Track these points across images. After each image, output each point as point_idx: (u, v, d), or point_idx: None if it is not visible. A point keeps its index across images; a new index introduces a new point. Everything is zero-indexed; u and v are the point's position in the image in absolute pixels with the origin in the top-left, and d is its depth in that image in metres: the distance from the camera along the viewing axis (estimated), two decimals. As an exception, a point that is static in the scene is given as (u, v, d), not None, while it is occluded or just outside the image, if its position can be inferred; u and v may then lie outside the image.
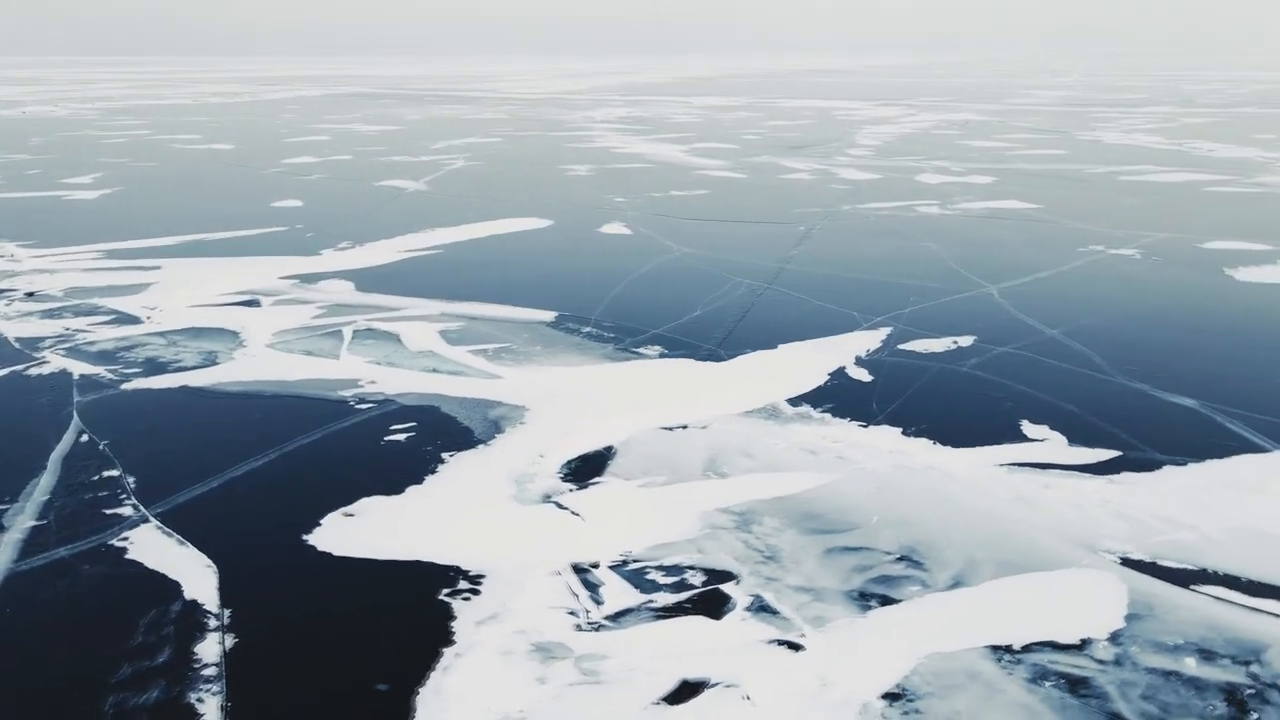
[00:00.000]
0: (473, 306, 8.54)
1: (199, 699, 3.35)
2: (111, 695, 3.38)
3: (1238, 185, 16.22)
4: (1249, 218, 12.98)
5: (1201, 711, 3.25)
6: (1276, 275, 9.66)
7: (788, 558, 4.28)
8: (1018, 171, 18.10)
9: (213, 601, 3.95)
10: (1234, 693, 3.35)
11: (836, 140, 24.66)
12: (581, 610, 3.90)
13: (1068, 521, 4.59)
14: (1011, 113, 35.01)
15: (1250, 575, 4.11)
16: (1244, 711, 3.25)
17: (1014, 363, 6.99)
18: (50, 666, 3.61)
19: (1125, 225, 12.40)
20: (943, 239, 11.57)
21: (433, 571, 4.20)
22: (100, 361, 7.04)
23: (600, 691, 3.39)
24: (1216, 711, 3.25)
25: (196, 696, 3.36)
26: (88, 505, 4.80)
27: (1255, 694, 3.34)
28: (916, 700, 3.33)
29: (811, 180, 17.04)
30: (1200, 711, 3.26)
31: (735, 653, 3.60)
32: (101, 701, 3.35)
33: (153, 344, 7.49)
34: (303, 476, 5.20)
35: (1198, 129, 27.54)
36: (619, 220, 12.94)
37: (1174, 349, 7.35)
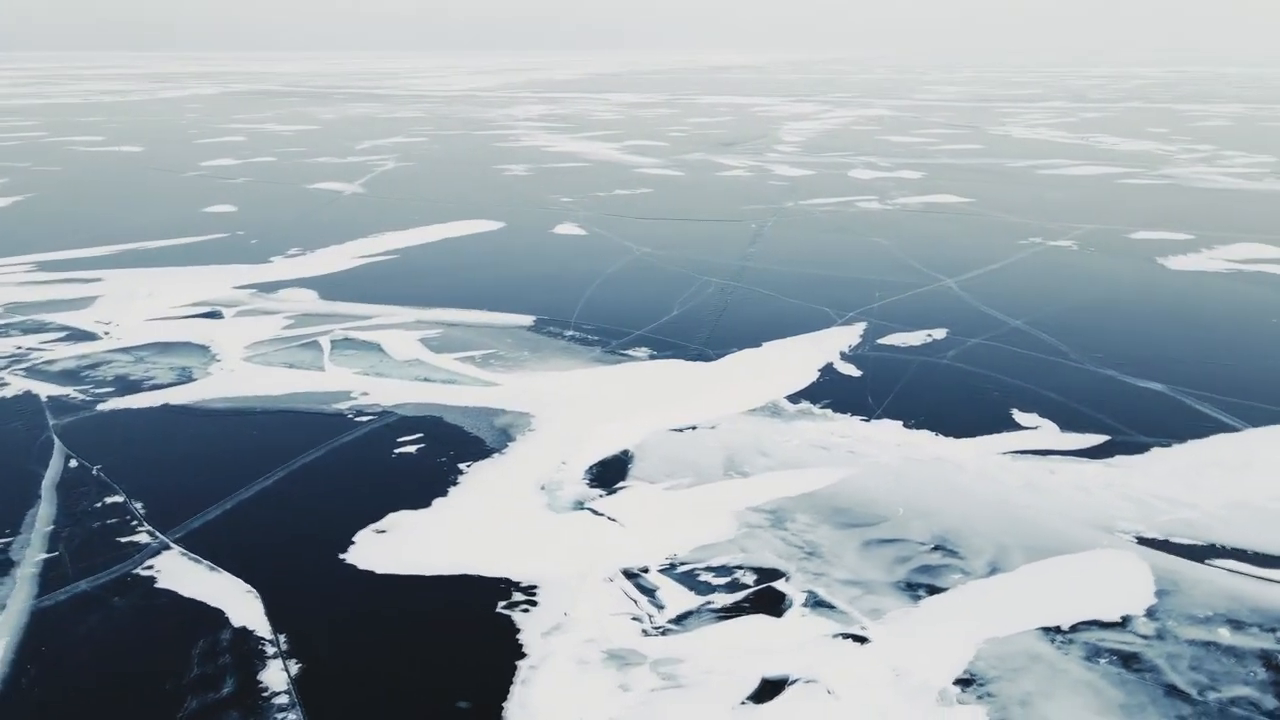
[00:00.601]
0: (446, 313, 8.42)
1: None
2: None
3: (1145, 178, 17.17)
4: (1165, 209, 13.78)
5: (1245, 678, 3.50)
6: (1204, 263, 10.30)
7: (828, 553, 4.40)
8: (943, 166, 18.75)
9: (265, 628, 3.84)
10: (1270, 658, 3.61)
11: (762, 137, 25.07)
12: (644, 615, 3.93)
13: (1078, 505, 4.84)
14: (921, 108, 36.17)
15: (1255, 548, 4.42)
16: (1284, 675, 3.51)
17: (989, 353, 7.29)
18: (110, 704, 3.45)
19: (1055, 218, 13.01)
20: (889, 234, 11.93)
21: (484, 584, 4.16)
22: (66, 382, 6.69)
23: (685, 695, 3.44)
24: (1258, 677, 3.51)
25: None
26: (98, 534, 4.58)
27: (1289, 658, 3.61)
28: (987, 684, 3.48)
29: (749, 177, 17.31)
30: (1244, 678, 3.50)
31: (804, 648, 3.70)
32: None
33: (118, 361, 7.15)
34: (319, 494, 5.07)
35: (1095, 123, 28.98)
36: (571, 221, 12.91)
37: (1131, 336, 7.78)
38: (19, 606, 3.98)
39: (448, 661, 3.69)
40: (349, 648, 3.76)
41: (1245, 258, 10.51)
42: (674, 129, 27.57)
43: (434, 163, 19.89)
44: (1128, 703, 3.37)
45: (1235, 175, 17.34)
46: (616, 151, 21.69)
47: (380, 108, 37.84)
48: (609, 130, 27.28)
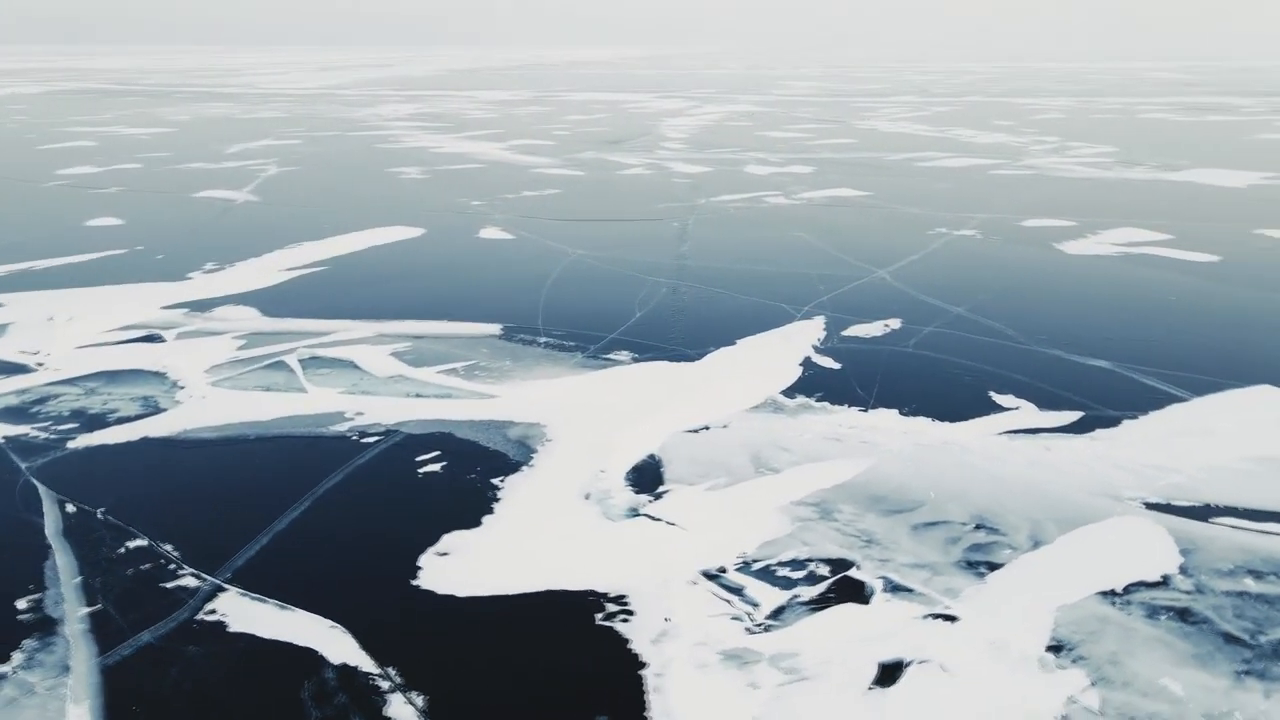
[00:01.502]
0: (407, 325, 8.21)
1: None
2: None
3: (1011, 169, 18.50)
4: (1041, 198, 14.93)
5: (1280, 620, 3.97)
6: (1095, 248, 11.26)
7: (884, 539, 4.65)
8: (829, 161, 19.58)
9: (369, 664, 3.72)
10: (1295, 601, 4.11)
11: (646, 134, 25.38)
12: (742, 614, 4.06)
13: (1083, 478, 5.29)
14: (784, 104, 37.48)
15: (1244, 505, 4.97)
16: (1311, 615, 4.00)
17: (946, 340, 7.77)
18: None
19: (949, 208, 13.88)
20: (808, 228, 12.42)
21: (573, 599, 4.18)
22: (17, 420, 6.15)
23: (814, 687, 3.59)
24: (1291, 618, 3.99)
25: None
26: (136, 582, 4.29)
27: (1310, 599, 4.12)
28: (1075, 648, 3.80)
29: (651, 176, 17.54)
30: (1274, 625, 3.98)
31: (903, 632, 3.92)
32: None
33: (66, 394, 6.62)
34: (361, 520, 4.91)
35: (948, 117, 30.89)
36: (492, 225, 12.76)
37: (1063, 318, 8.45)
38: (86, 667, 3.70)
39: (572, 679, 3.70)
40: (465, 676, 3.70)
41: (1127, 241, 11.56)
42: (554, 127, 27.50)
43: (320, 167, 19.11)
44: (1198, 653, 3.77)
45: (1087, 165, 18.93)
46: (506, 152, 21.48)
47: (235, 108, 35.88)
48: (489, 129, 26.93)
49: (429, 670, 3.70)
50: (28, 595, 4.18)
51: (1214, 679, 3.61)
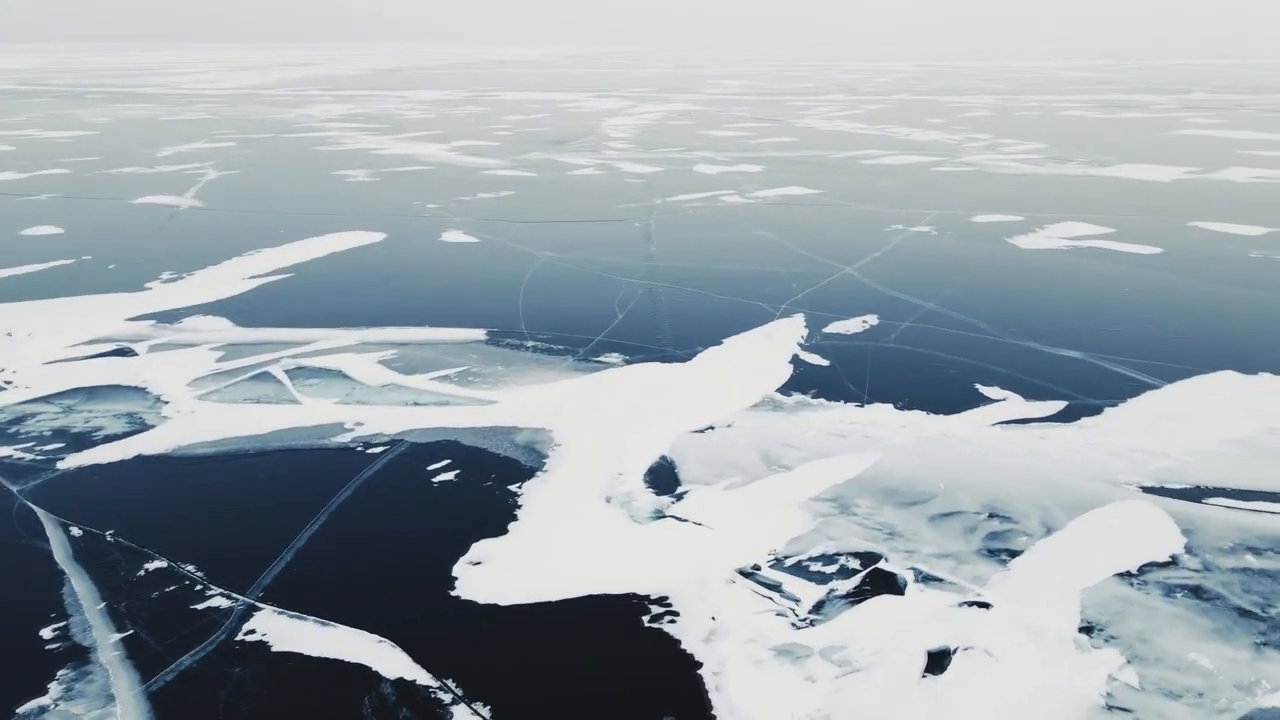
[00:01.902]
0: (388, 332, 8.10)
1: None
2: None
3: (951, 165, 19.05)
4: (985, 193, 15.43)
5: (1284, 593, 4.23)
6: (1045, 241, 11.69)
7: (905, 532, 4.80)
8: (775, 159, 19.87)
9: (425, 677, 3.69)
10: (1295, 574, 4.37)
11: (589, 134, 25.37)
12: (784, 610, 4.14)
13: (1079, 464, 5.53)
14: (719, 102, 37.86)
15: (1230, 485, 5.26)
16: (1311, 586, 4.27)
17: (924, 335, 8.00)
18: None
19: (900, 205, 14.24)
20: (769, 226, 12.61)
21: (615, 603, 4.21)
22: (-3, 440, 5.90)
23: (869, 677, 3.70)
24: (1294, 591, 4.25)
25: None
26: (163, 605, 4.17)
27: (1308, 572, 4.39)
28: (1105, 629, 3.99)
29: (602, 176, 17.56)
30: (1283, 593, 4.23)
31: (943, 620, 4.06)
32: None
33: (44, 413, 6.36)
34: (383, 531, 4.85)
35: (881, 115, 31.61)
36: (453, 228, 12.63)
37: (1028, 310, 8.77)
38: (132, 694, 3.60)
39: (632, 681, 3.73)
40: (526, 684, 3.70)
41: (1073, 235, 12.03)
42: (495, 128, 27.28)
43: (261, 170, 18.62)
44: (1217, 628, 3.99)
45: (1020, 161, 19.60)
46: (451, 153, 21.24)
47: (156, 109, 34.66)
48: (428, 130, 26.58)
49: (488, 680, 3.69)
50: (52, 624, 4.03)
51: (1236, 651, 3.83)
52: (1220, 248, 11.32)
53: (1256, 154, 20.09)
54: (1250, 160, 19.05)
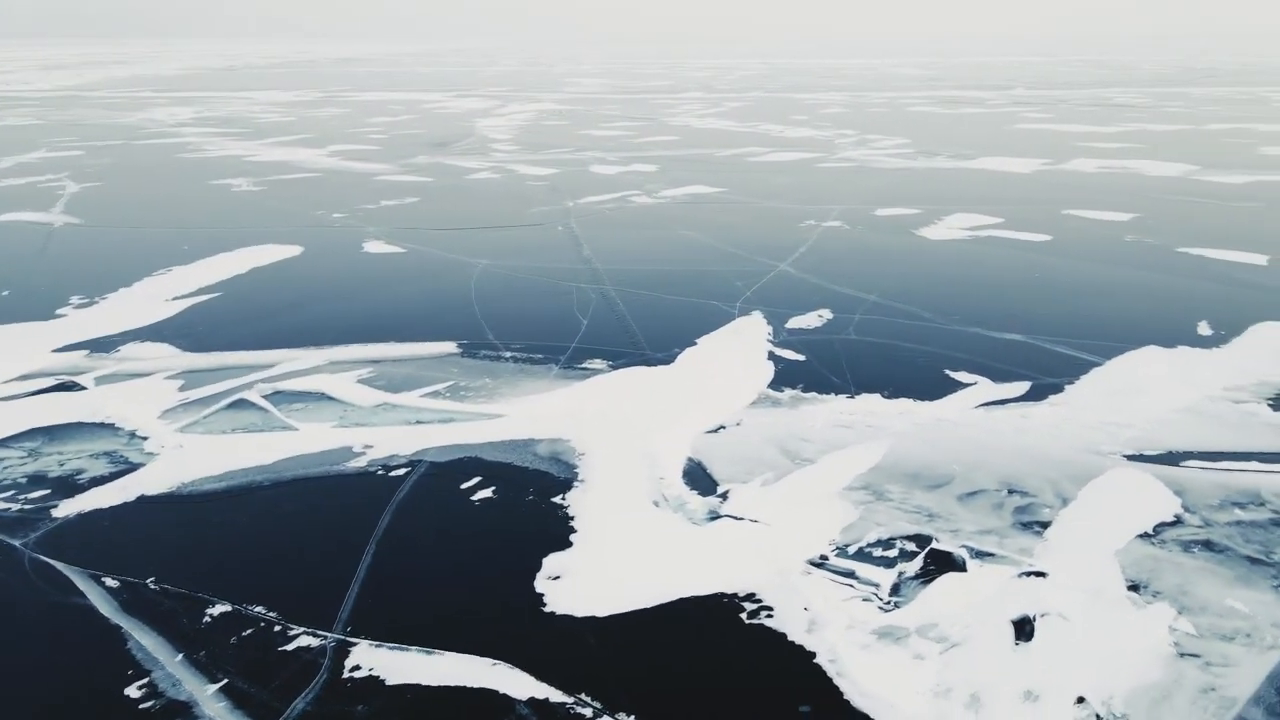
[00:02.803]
0: (350, 350, 7.84)
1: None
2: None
3: (833, 161, 19.98)
4: (878, 188, 16.29)
5: (1277, 539, 4.83)
6: (948, 232, 12.50)
7: (941, 512, 5.14)
8: (667, 159, 20.23)
9: (558, 695, 3.70)
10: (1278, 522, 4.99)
11: (468, 136, 24.99)
12: (868, 595, 4.39)
13: (1066, 439, 6.05)
14: (585, 101, 38.02)
15: (1197, 448, 5.91)
16: (1296, 532, 4.88)
17: (878, 326, 8.46)
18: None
19: (803, 201, 14.86)
20: (690, 226, 12.90)
21: (707, 604, 4.33)
22: (-33, 492, 5.37)
23: (970, 650, 3.99)
24: (1283, 537, 4.85)
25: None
26: (250, 650, 3.97)
27: (1289, 520, 5.01)
28: (1149, 585, 4.44)
29: (502, 179, 17.39)
30: (1276, 540, 4.83)
31: (1011, 590, 4.40)
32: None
33: (6, 458, 5.83)
34: (445, 554, 4.77)
35: (747, 112, 32.65)
36: (373, 238, 12.25)
37: (962, 297, 9.41)
38: (261, 746, 3.44)
39: (757, 678, 3.86)
40: (659, 692, 3.77)
41: (970, 225, 12.93)
42: (365, 130, 26.42)
43: (129, 181, 17.36)
44: (1237, 575, 4.52)
45: (893, 156, 20.78)
46: (332, 159, 20.45)
47: (-28, 116, 31.51)
48: (295, 134, 25.45)
49: (620, 691, 3.75)
50: (134, 682, 3.77)
51: (1261, 594, 4.36)
52: (1098, 233, 12.44)
53: (1092, 145, 22.07)
54: (1090, 152, 20.91)
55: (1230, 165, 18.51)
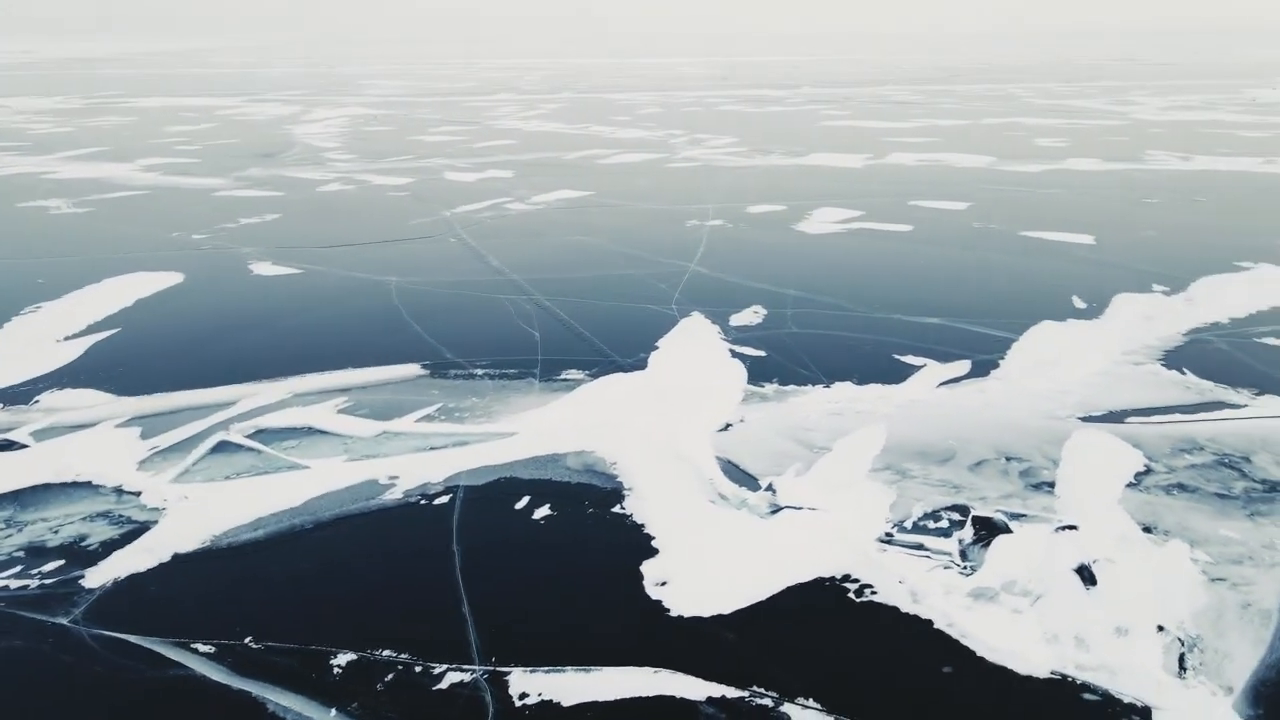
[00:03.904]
0: (306, 380, 7.47)
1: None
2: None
3: (679, 161, 20.68)
4: (737, 185, 17.08)
5: (1236, 477, 5.76)
6: (821, 226, 13.41)
7: (962, 483, 5.73)
8: (517, 163, 20.15)
9: (736, 692, 3.89)
10: (1237, 462, 5.94)
11: (289, 145, 23.69)
12: (947, 563, 4.86)
13: (1025, 408, 6.85)
14: (395, 105, 36.90)
15: (1126, 406, 6.86)
16: (1249, 469, 5.84)
17: (812, 318, 9.06)
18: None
19: (676, 201, 15.38)
20: (580, 231, 13.06)
21: (814, 589, 4.64)
22: (-39, 574, 4.75)
23: (1056, 599, 4.53)
24: (1245, 473, 5.80)
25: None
26: (403, 693, 3.87)
27: (1243, 457, 5.96)
28: (1158, 526, 5.19)
29: (360, 191, 16.74)
30: (1237, 476, 5.76)
31: (1056, 544, 5.00)
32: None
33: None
34: (537, 574, 4.77)
35: (568, 113, 32.94)
36: (255, 260, 11.52)
37: (871, 286, 10.19)
38: (481, 785, 3.40)
39: (893, 650, 4.22)
40: (822, 676, 4.04)
41: (838, 219, 13.93)
42: (169, 141, 24.40)
43: (-86, 208, 15.19)
44: (1216, 510, 5.37)
45: (730, 154, 21.79)
46: (151, 174, 18.81)
47: None
48: (88, 147, 23.10)
49: (787, 678, 3.99)
50: (304, 746, 3.60)
51: (1241, 523, 5.23)
52: (948, 222, 13.78)
53: (900, 140, 24.13)
54: (902, 146, 22.88)
55: (1021, 156, 20.89)
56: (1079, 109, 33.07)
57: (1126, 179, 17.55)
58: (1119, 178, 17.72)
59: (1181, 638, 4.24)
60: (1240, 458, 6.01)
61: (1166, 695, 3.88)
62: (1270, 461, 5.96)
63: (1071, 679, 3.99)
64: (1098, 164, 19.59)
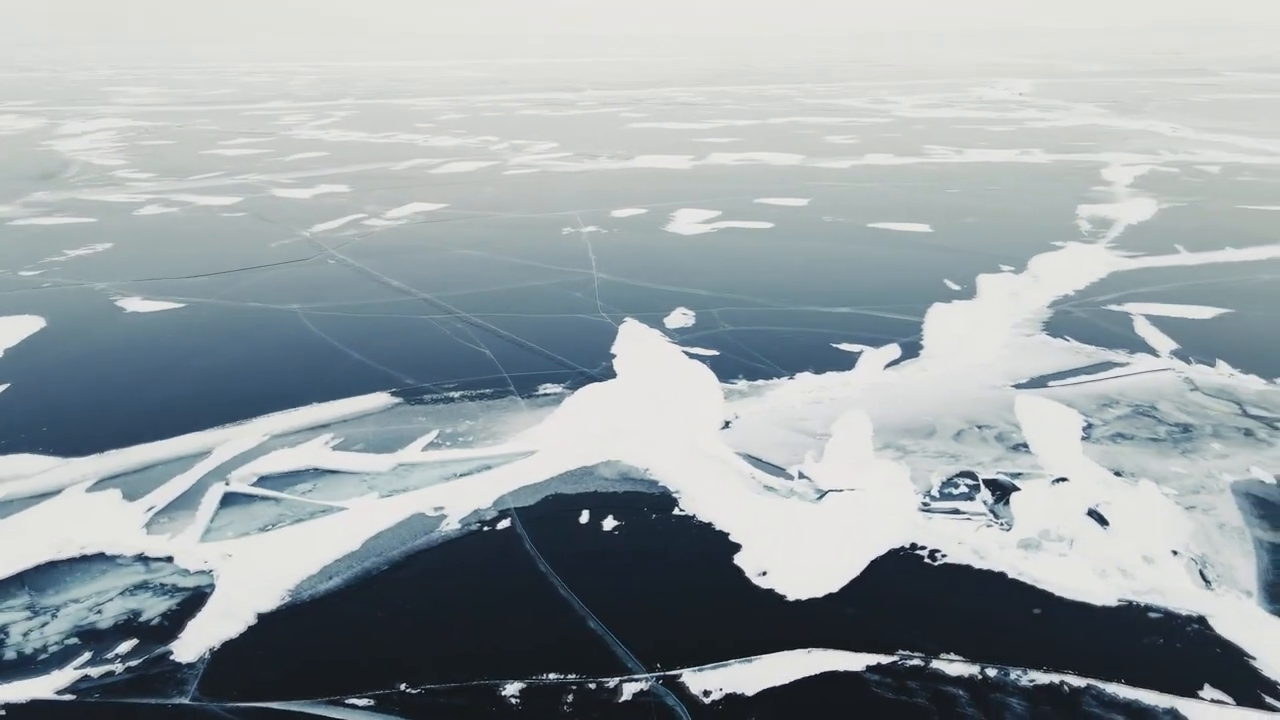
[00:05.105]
0: (272, 421, 7.06)
1: None
2: (1009, 722, 3.92)
3: (512, 168, 20.70)
4: (587, 191, 17.40)
5: (1192, 421, 6.90)
6: (693, 226, 14.04)
7: (955, 453, 6.46)
8: (345, 177, 19.32)
9: (892, 657, 4.31)
10: (1141, 411, 7.08)
11: (66, 164, 21.29)
12: (988, 523, 5.52)
13: (969, 382, 7.75)
14: (162, 115, 33.94)
15: (1042, 372, 7.94)
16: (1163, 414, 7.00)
17: (739, 315, 9.62)
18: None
19: (535, 209, 15.49)
20: (461, 244, 12.91)
21: (901, 560, 5.15)
22: (33, 669, 4.22)
23: (1085, 541, 5.31)
24: (1199, 416, 6.94)
25: None
26: (593, 713, 3.96)
27: (1151, 406, 7.12)
28: (1124, 470, 6.16)
29: (189, 214, 15.46)
30: (1197, 420, 6.90)
31: (1059, 496, 5.82)
32: (1017, 728, 3.88)
33: (17, 622, 4.60)
34: (641, 580, 4.94)
35: (365, 121, 31.76)
36: (122, 295, 10.47)
37: (769, 281, 10.89)
38: (725, 778, 3.61)
39: (996, 603, 4.80)
40: (964, 634, 4.53)
41: (699, 219, 14.63)
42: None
43: None
44: (1157, 452, 6.43)
45: (557, 159, 22.07)
46: (-87, 204, 16.32)
47: None
48: None
49: (925, 635, 4.45)
50: (535, 775, 3.62)
51: (1177, 460, 6.30)
52: (802, 217, 14.88)
53: (710, 141, 25.44)
54: (715, 147, 24.14)
55: (825, 153, 22.72)
56: (846, 108, 36.19)
57: (922, 171, 19.62)
58: (916, 171, 19.77)
59: (1193, 558, 5.15)
60: (1149, 407, 7.19)
61: (1209, 605, 4.73)
62: (1173, 408, 7.18)
63: (1136, 603, 4.75)
64: (892, 159, 21.70)
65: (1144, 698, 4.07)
